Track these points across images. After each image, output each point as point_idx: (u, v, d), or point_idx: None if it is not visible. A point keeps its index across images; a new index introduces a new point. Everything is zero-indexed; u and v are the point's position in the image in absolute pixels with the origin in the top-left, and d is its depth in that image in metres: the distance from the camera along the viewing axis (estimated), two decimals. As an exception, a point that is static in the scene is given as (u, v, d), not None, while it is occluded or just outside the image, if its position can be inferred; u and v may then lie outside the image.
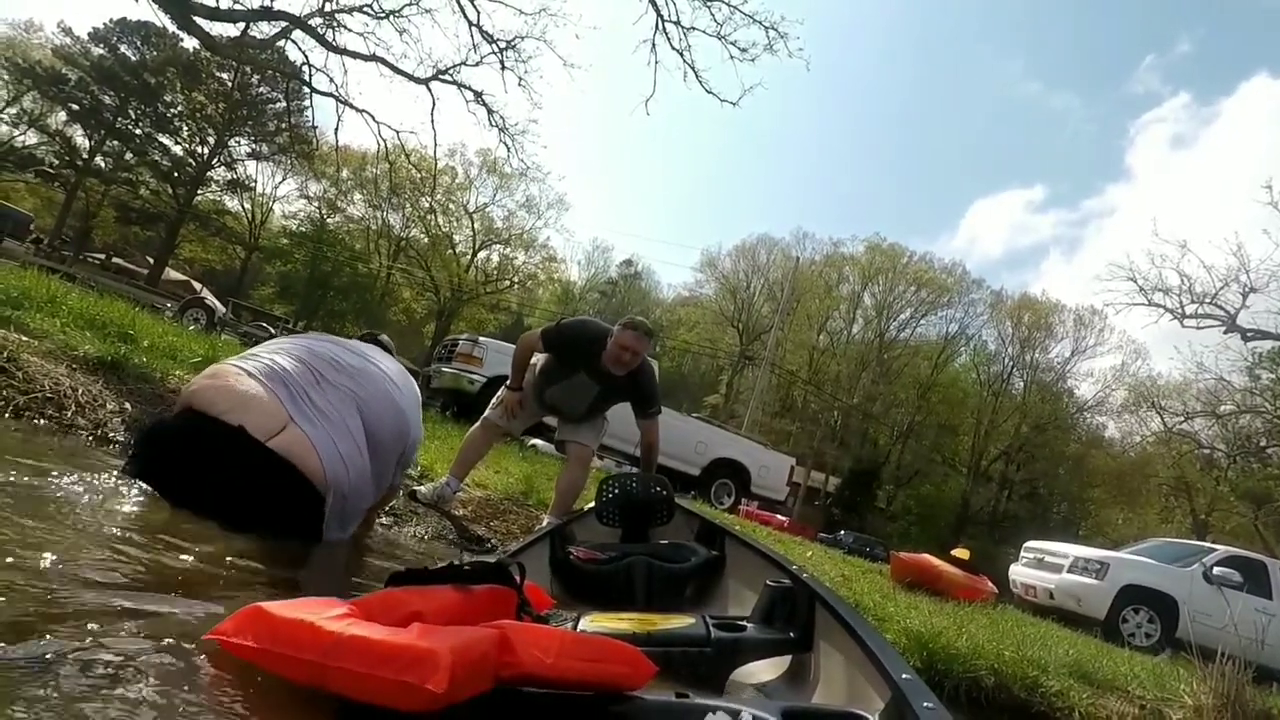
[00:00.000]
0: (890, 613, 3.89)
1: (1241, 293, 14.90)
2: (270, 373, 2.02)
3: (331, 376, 2.11)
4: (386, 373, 2.29)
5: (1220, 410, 19.47)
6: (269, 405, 1.93)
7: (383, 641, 0.93)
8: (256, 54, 12.60)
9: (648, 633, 1.73)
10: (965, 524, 36.32)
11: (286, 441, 1.90)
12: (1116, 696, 3.53)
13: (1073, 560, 8.25)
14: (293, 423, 1.94)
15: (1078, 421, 39.79)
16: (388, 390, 2.23)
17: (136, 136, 35.33)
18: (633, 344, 3.20)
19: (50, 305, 4.19)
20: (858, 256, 42.04)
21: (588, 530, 3.12)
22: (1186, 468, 27.51)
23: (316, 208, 40.34)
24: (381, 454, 2.18)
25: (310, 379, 2.07)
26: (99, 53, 33.63)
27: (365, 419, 2.11)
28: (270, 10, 9.95)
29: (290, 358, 2.11)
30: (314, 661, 0.93)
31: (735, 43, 10.77)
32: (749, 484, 10.52)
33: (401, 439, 2.27)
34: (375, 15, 12.08)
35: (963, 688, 3.16)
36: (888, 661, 1.24)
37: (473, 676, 0.93)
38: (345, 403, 2.08)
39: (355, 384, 2.14)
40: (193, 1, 8.43)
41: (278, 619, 0.99)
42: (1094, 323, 38.12)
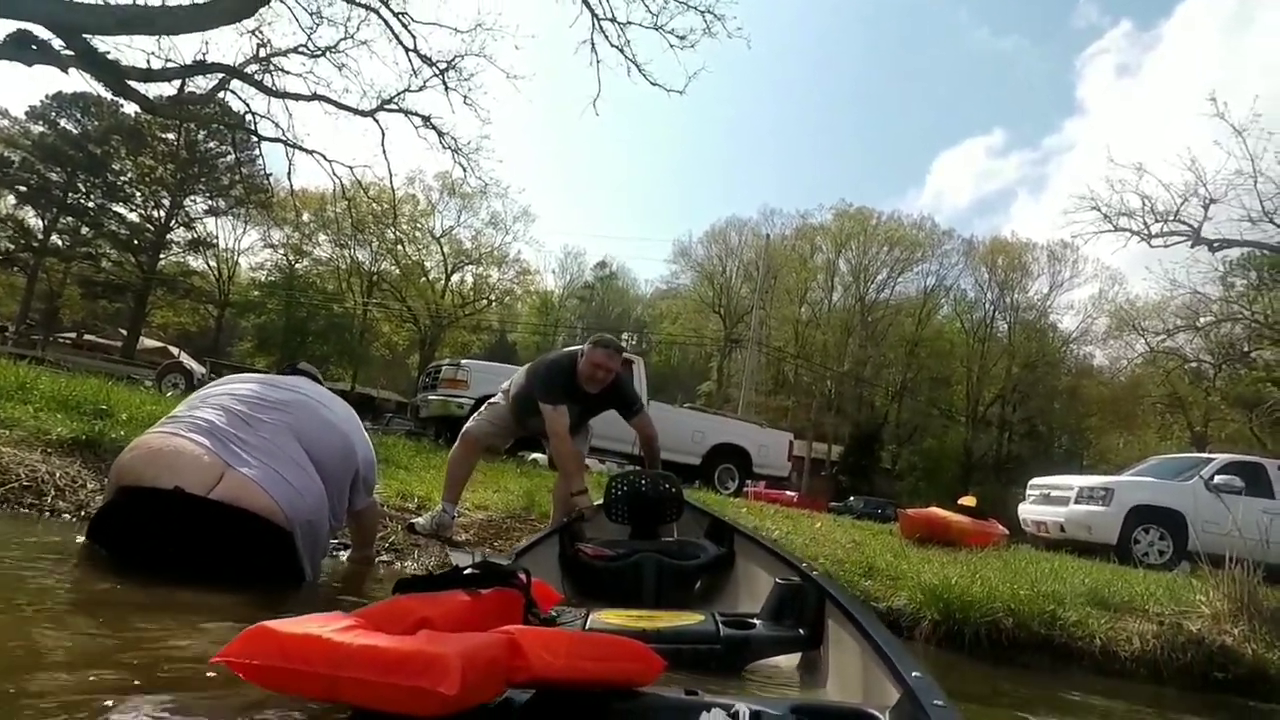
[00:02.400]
0: (904, 570, 3.92)
1: (1202, 205, 15.07)
2: (194, 426, 1.98)
3: (260, 413, 2.08)
4: (316, 398, 2.27)
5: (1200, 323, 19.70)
6: (199, 459, 1.88)
7: (392, 649, 0.93)
8: (197, 110, 12.45)
9: (657, 630, 1.73)
10: (971, 472, 36.58)
11: (228, 489, 1.86)
12: (1135, 617, 3.57)
13: (1078, 490, 8.32)
14: (230, 468, 1.90)
15: (1065, 354, 40.15)
16: (321, 414, 2.21)
17: (90, 210, 34.85)
18: (605, 361, 3.29)
19: (20, 393, 4.13)
20: (827, 225, 42.21)
21: (597, 527, 3.12)
22: (1176, 384, 27.83)
23: (283, 255, 39.99)
24: (334, 476, 2.16)
25: (238, 420, 2.03)
26: (39, 130, 33.11)
27: (306, 445, 2.08)
28: (204, 64, 9.84)
29: (212, 407, 2.07)
30: (324, 674, 0.93)
31: (673, 31, 10.80)
32: (750, 466, 10.54)
33: (349, 458, 2.25)
34: (311, 54, 11.99)
35: (982, 632, 3.19)
36: (898, 659, 1.24)
37: (484, 681, 0.94)
38: (281, 434, 2.05)
39: (286, 414, 2.11)
40: (124, 65, 8.32)
41: (284, 635, 0.98)
42: (1067, 256, 38.47)
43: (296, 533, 1.96)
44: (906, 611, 3.39)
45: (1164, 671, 3.23)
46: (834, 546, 4.51)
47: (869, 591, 3.59)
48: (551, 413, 3.29)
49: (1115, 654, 3.24)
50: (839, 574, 3.71)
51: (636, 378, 9.73)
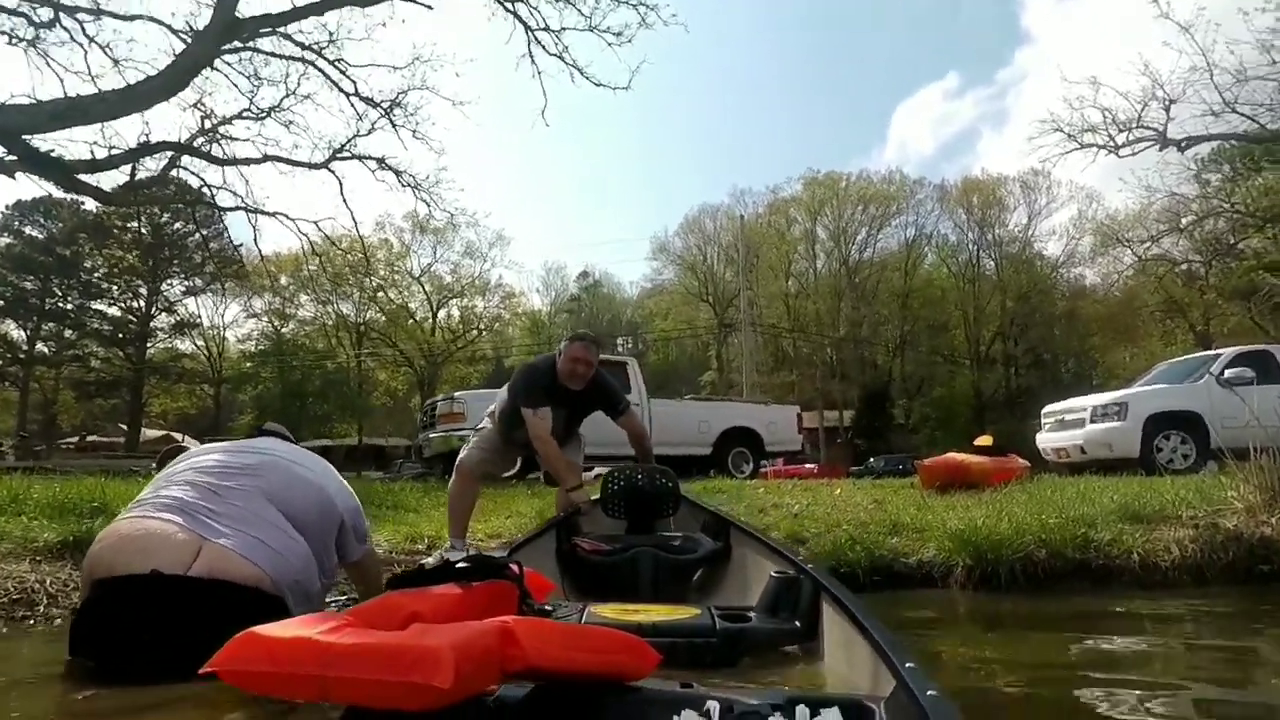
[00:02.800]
0: (929, 521, 3.85)
1: (1163, 108, 15.05)
2: (161, 506, 1.91)
3: (228, 481, 2.02)
4: (285, 456, 2.21)
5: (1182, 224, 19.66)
6: (171, 537, 1.81)
7: (383, 645, 0.92)
8: (153, 192, 12.39)
9: (653, 624, 1.73)
10: (984, 412, 36.49)
11: (207, 563, 1.79)
12: (1169, 525, 3.50)
13: (1092, 410, 8.26)
14: (206, 541, 1.82)
15: (1056, 280, 40.05)
16: (293, 471, 2.15)
17: (69, 312, 34.85)
18: (582, 354, 3.25)
19: (14, 505, 4.07)
20: (799, 196, 42.05)
21: (593, 522, 3.13)
22: (1170, 288, 27.78)
23: (267, 322, 39.93)
24: (316, 532, 2.11)
25: (206, 492, 1.96)
26: (6, 242, 33.15)
27: (280, 505, 2.03)
28: (149, 145, 9.76)
29: (177, 484, 2.01)
30: (315, 675, 0.92)
31: (609, 29, 10.73)
32: (762, 445, 10.47)
33: (329, 511, 2.19)
34: (256, 117, 11.93)
35: (1017, 568, 3.12)
36: (892, 650, 1.25)
37: (478, 671, 0.93)
38: (253, 498, 1.99)
39: (255, 478, 2.05)
40: (69, 160, 8.25)
41: (273, 639, 0.97)
42: (1040, 184, 38.36)
43: (287, 595, 1.90)
44: (937, 562, 3.33)
45: (1207, 574, 3.16)
46: (856, 510, 4.45)
47: (895, 549, 3.52)
48: (532, 417, 3.23)
49: (1155, 565, 3.17)
50: (864, 536, 3.64)
51: (631, 380, 9.67)
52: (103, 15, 9.35)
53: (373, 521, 4.26)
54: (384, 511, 4.90)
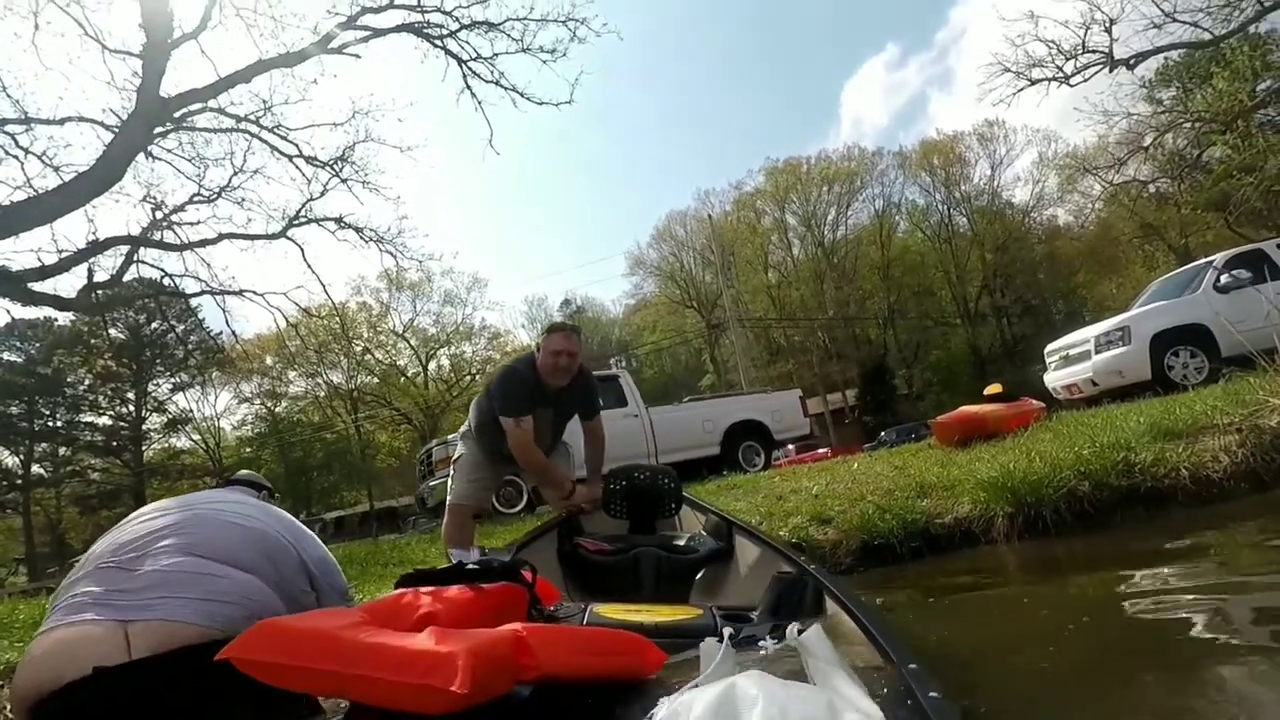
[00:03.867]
0: (956, 476, 3.65)
1: (1105, 29, 14.97)
2: (71, 608, 1.72)
3: (141, 552, 1.84)
4: (214, 507, 2.03)
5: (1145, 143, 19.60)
6: (93, 633, 1.63)
7: (402, 647, 0.94)
8: (115, 291, 12.16)
9: (655, 624, 1.69)
10: (985, 367, 36.40)
11: (143, 641, 1.62)
12: (1209, 435, 3.28)
13: (1095, 340, 8.08)
14: (131, 623, 1.65)
15: (1030, 225, 40.22)
16: (223, 520, 1.97)
17: (59, 430, 34.51)
18: (563, 345, 2.97)
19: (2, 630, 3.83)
20: (763, 187, 42.23)
21: (595, 522, 3.10)
22: (1143, 212, 27.76)
23: (260, 404, 39.66)
24: (264, 569, 1.92)
25: (117, 575, 1.78)
26: (-17, 371, 32.80)
27: (207, 555, 1.84)
28: (100, 243, 9.55)
29: (86, 575, 1.82)
30: (333, 671, 0.94)
31: (541, 48, 10.63)
32: (770, 435, 10.24)
33: (277, 550, 2.00)
34: (207, 199, 11.76)
35: (1062, 507, 2.90)
36: (895, 651, 1.26)
37: (492, 678, 0.94)
38: (172, 557, 1.80)
39: (177, 538, 1.87)
40: (15, 272, 8.03)
41: (293, 630, 0.99)
42: (996, 133, 38.70)
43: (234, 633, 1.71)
44: (974, 517, 3.11)
45: (1264, 476, 2.94)
46: (878, 479, 4.23)
47: (927, 511, 3.30)
48: (514, 428, 2.94)
49: (1207, 478, 2.95)
50: (891, 504, 3.42)
51: (626, 392, 9.46)
52: (33, 124, 9.18)
53: (376, 581, 4.03)
54: (389, 570, 4.66)
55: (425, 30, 10.60)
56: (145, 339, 34.88)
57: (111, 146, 7.89)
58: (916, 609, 2.40)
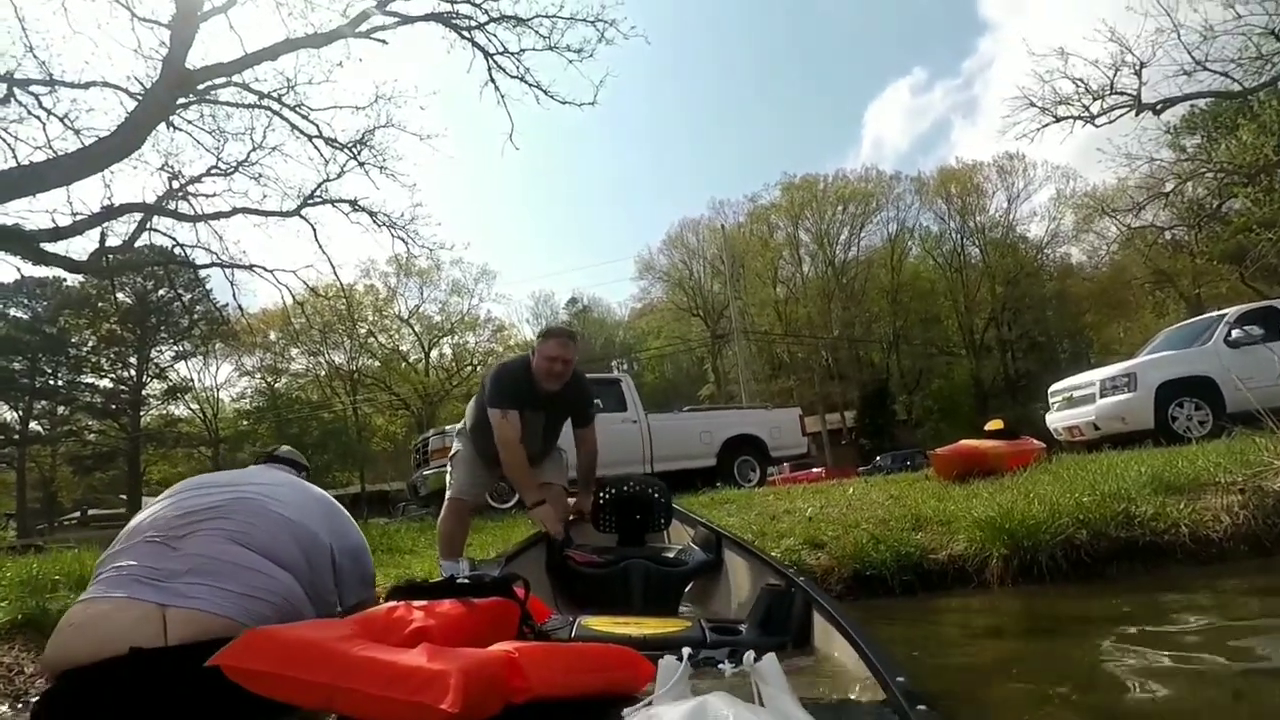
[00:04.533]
0: (953, 511, 3.61)
1: (1134, 72, 15.00)
2: (114, 582, 1.79)
3: (186, 531, 1.88)
4: (261, 492, 2.07)
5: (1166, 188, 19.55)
6: (134, 612, 1.70)
7: (394, 662, 0.93)
8: (126, 257, 12.19)
9: (644, 636, 1.69)
10: (985, 400, 36.27)
11: (178, 629, 1.68)
12: (1211, 493, 3.25)
13: (1100, 384, 8.04)
14: (168, 608, 1.70)
15: (1042, 261, 40.08)
16: (265, 508, 2.00)
17: (60, 389, 34.58)
18: (558, 351, 2.97)
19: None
20: (778, 202, 42.17)
21: (584, 534, 3.07)
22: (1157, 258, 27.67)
23: (260, 378, 39.71)
24: (297, 567, 1.96)
25: (162, 552, 1.83)
26: (-10, 324, 32.88)
27: (249, 545, 1.89)
28: (115, 208, 9.57)
29: (131, 546, 1.89)
30: (324, 683, 0.93)
31: (569, 47, 10.65)
32: (767, 452, 10.20)
33: (311, 546, 2.04)
34: (224, 173, 11.79)
35: (1058, 554, 2.87)
36: (883, 663, 1.25)
37: (484, 699, 0.93)
38: (213, 544, 1.85)
39: (219, 520, 1.92)
40: (30, 230, 8.04)
41: (285, 640, 0.98)
42: (1016, 167, 38.56)
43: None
44: (969, 555, 3.07)
45: (1265, 541, 2.91)
46: (873, 508, 4.20)
47: (922, 545, 3.27)
48: (500, 419, 2.94)
49: (1207, 538, 2.92)
50: (885, 534, 3.39)
51: (626, 396, 9.44)
52: (57, 86, 9.21)
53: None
54: (379, 556, 4.63)
55: (454, 20, 10.64)
56: (151, 306, 34.91)
57: (134, 114, 7.92)
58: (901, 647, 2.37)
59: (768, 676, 0.92)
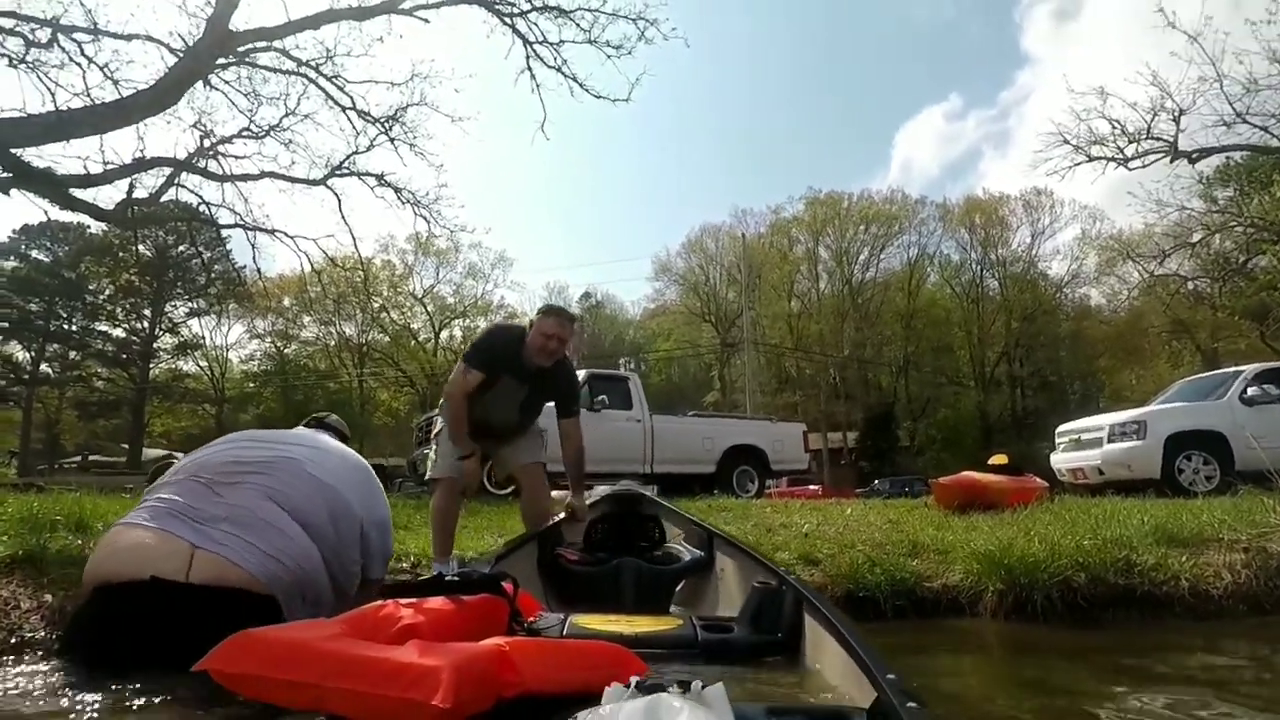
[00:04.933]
0: (951, 541, 3.60)
1: (1173, 119, 14.83)
2: (157, 512, 1.93)
3: (230, 479, 2.03)
4: (304, 455, 2.17)
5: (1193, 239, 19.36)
6: (166, 545, 1.85)
7: (384, 659, 0.93)
8: (151, 210, 12.28)
9: (635, 634, 1.70)
10: (990, 434, 36.08)
11: (201, 569, 1.82)
12: (1215, 549, 3.23)
13: (1109, 429, 7.99)
14: (198, 549, 1.85)
15: (1061, 300, 39.83)
16: (305, 472, 2.12)
17: (73, 334, 34.89)
18: (556, 330, 3.01)
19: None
20: (800, 216, 42.03)
21: (576, 532, 3.08)
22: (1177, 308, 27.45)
23: (271, 343, 39.95)
24: (325, 535, 2.07)
25: (205, 494, 1.98)
26: (12, 265, 33.20)
27: (286, 505, 2.01)
28: (145, 161, 9.65)
29: (179, 483, 2.03)
30: (313, 684, 0.92)
31: (608, 42, 10.66)
32: (768, 464, 10.19)
33: (342, 515, 2.14)
34: (255, 136, 11.85)
35: (1055, 595, 2.85)
36: (873, 662, 1.25)
37: (475, 693, 0.93)
38: (252, 498, 1.99)
39: (262, 476, 2.05)
40: (62, 176, 8.12)
41: (271, 641, 0.97)
42: (1043, 203, 38.31)
43: (281, 599, 1.89)
44: (964, 586, 3.06)
45: (1265, 602, 2.88)
46: (870, 530, 4.19)
47: (917, 572, 3.26)
48: (460, 372, 3.00)
49: (1207, 593, 2.89)
50: (881, 557, 3.38)
51: (633, 395, 9.45)
52: (100, 35, 9.29)
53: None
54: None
55: (497, 5, 10.65)
56: (171, 260, 35.17)
57: (173, 70, 7.98)
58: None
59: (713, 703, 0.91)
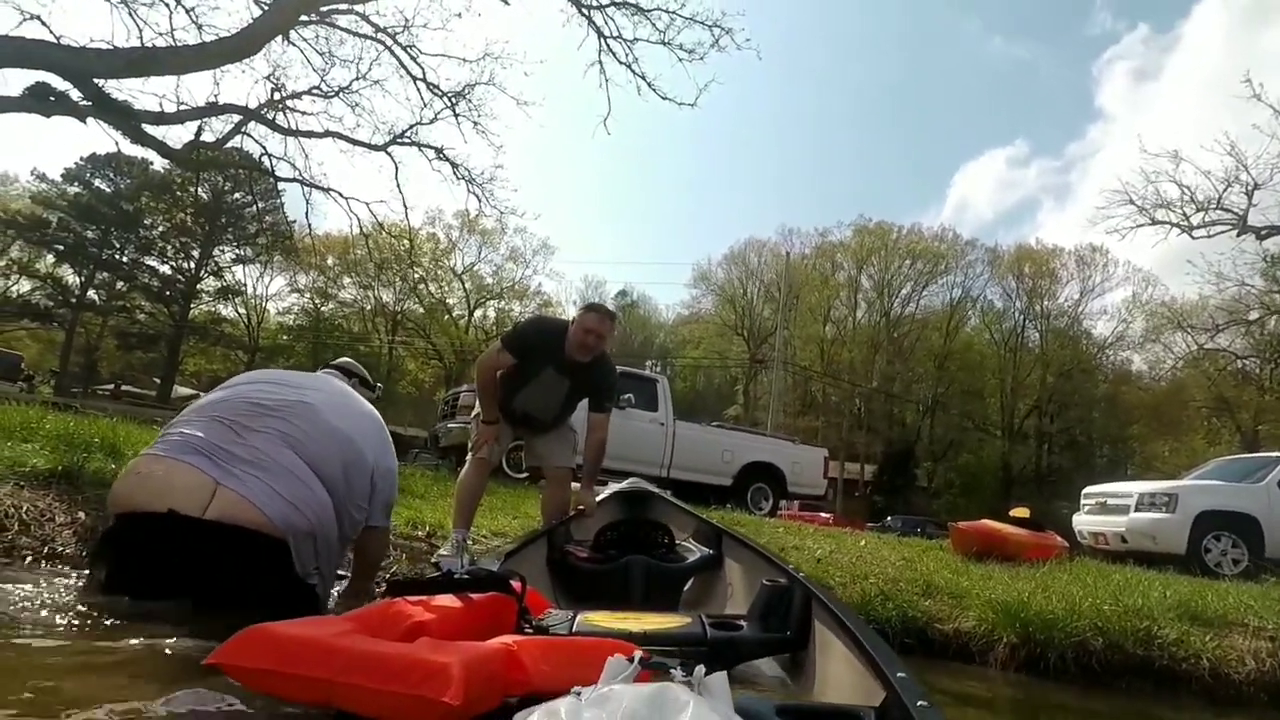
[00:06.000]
0: (965, 587, 3.55)
1: (1245, 192, 14.43)
2: (183, 445, 1.97)
3: (252, 422, 2.04)
4: (322, 402, 2.20)
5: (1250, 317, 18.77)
6: (189, 479, 1.88)
7: (395, 656, 0.93)
8: (215, 154, 12.58)
9: (644, 632, 1.69)
10: (1011, 486, 35.42)
11: (220, 507, 1.85)
12: (1240, 633, 3.14)
13: (1139, 497, 7.79)
14: (221, 486, 1.87)
15: (1101, 361, 38.97)
16: (323, 419, 2.15)
17: (123, 264, 35.84)
18: (596, 325, 3.06)
19: (23, 430, 3.98)
20: (847, 242, 41.71)
21: (585, 530, 3.10)
22: (1224, 384, 26.66)
23: (309, 299, 40.68)
24: (338, 485, 2.09)
25: (227, 434, 2.00)
26: (75, 191, 34.23)
27: (302, 453, 2.03)
28: (217, 106, 9.90)
29: (202, 420, 2.06)
30: (324, 679, 0.92)
31: (681, 45, 10.66)
32: (785, 485, 10.11)
33: (355, 465, 2.17)
34: (324, 95, 12.08)
35: (1069, 655, 2.79)
36: (883, 660, 1.25)
37: (484, 692, 0.93)
38: (273, 443, 2.01)
39: (282, 421, 2.07)
40: (137, 110, 8.35)
41: (282, 637, 0.97)
42: (1096, 260, 37.51)
43: (291, 543, 1.92)
44: (977, 633, 3.01)
45: (1287, 695, 2.80)
46: (884, 564, 4.14)
47: (929, 612, 3.22)
48: (493, 351, 3.13)
49: (1228, 677, 2.82)
50: (894, 593, 3.34)
51: (660, 398, 9.44)
52: (191, -23, 9.54)
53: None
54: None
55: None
56: (225, 206, 36.01)
57: (257, 21, 8.17)
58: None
59: (714, 692, 0.92)
